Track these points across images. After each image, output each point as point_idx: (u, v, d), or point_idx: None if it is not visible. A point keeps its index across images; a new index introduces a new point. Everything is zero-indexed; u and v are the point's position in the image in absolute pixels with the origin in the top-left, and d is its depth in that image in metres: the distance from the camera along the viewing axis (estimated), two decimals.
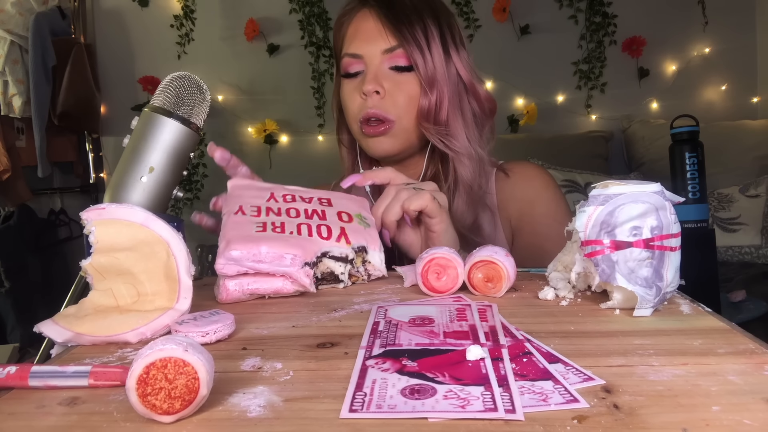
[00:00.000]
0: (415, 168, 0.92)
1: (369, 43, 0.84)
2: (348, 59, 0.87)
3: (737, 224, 2.05)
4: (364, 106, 0.84)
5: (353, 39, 0.86)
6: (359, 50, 0.85)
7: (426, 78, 0.83)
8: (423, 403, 0.32)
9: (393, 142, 0.86)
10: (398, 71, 0.84)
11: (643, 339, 0.42)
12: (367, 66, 0.85)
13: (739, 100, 2.55)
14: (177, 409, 0.31)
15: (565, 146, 2.44)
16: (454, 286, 0.58)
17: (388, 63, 0.84)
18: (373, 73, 0.84)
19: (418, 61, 0.83)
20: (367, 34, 0.85)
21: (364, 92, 0.83)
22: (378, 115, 0.83)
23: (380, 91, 0.83)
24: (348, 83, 0.88)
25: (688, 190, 1.21)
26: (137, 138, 0.60)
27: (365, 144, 0.88)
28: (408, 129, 0.86)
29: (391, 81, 0.84)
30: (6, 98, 2.38)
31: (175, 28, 2.72)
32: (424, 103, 0.83)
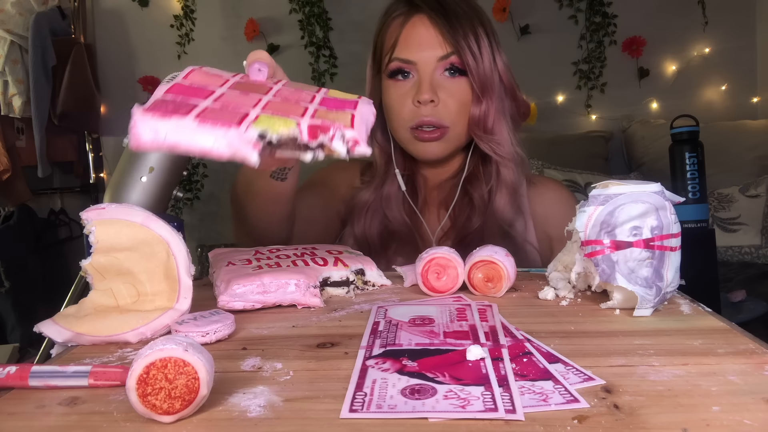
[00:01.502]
0: (455, 166, 0.93)
1: (424, 50, 0.84)
2: (399, 63, 0.86)
3: (737, 224, 2.05)
4: (417, 114, 0.84)
5: (406, 45, 0.86)
6: (413, 57, 0.85)
7: (479, 84, 0.84)
8: (423, 403, 0.32)
9: (444, 147, 0.87)
10: (452, 75, 0.85)
11: (643, 339, 0.42)
12: (421, 73, 0.85)
13: (739, 100, 2.54)
14: (177, 409, 0.31)
15: (565, 146, 2.44)
16: (454, 286, 0.58)
17: (442, 67, 0.85)
18: (428, 82, 0.84)
19: (472, 68, 0.83)
20: (421, 40, 0.85)
21: (420, 101, 0.83)
22: (433, 122, 0.84)
23: (435, 100, 0.83)
24: (396, 87, 0.87)
25: (688, 190, 1.21)
26: None
27: (414, 148, 0.88)
28: (460, 134, 0.87)
29: (444, 89, 0.85)
30: (6, 98, 2.38)
31: (175, 28, 2.72)
32: (476, 112, 0.85)
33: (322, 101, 0.48)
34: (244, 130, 0.40)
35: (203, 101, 0.43)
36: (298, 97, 0.48)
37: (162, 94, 0.43)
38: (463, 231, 0.87)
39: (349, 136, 0.42)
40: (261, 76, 0.50)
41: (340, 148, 0.42)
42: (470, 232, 0.86)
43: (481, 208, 0.87)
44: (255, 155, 0.40)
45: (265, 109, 0.44)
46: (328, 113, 0.45)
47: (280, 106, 0.45)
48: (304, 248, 0.67)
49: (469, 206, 0.89)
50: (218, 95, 0.45)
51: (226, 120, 0.40)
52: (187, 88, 0.45)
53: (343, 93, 0.51)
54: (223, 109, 0.42)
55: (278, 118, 0.42)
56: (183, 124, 0.39)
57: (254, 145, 0.40)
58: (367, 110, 0.48)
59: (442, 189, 0.93)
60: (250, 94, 0.46)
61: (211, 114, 0.41)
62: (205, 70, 0.49)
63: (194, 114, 0.40)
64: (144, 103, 0.41)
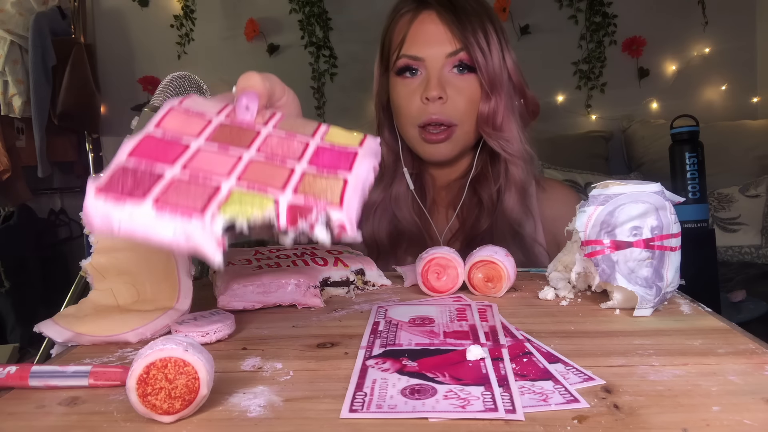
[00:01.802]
0: (463, 166, 0.92)
1: (432, 47, 0.84)
2: (407, 60, 0.85)
3: (737, 224, 2.05)
4: (425, 111, 0.83)
5: (414, 41, 0.85)
6: (421, 53, 0.84)
7: (488, 81, 0.83)
8: (423, 403, 0.32)
9: (452, 148, 0.85)
10: (460, 72, 0.84)
11: (643, 339, 0.42)
12: (429, 69, 0.84)
13: (739, 100, 2.55)
14: (177, 409, 0.31)
15: (565, 146, 2.44)
16: (454, 286, 0.58)
17: (451, 64, 0.84)
18: (436, 78, 0.83)
19: (481, 64, 0.82)
20: (429, 37, 0.84)
21: (428, 97, 0.82)
22: (441, 120, 0.82)
23: (443, 96, 0.82)
24: (404, 84, 0.86)
25: (688, 190, 1.21)
26: None
27: (422, 149, 0.87)
28: (467, 133, 0.85)
29: (452, 86, 0.83)
30: (6, 98, 2.38)
31: (175, 28, 2.72)
32: (485, 109, 0.83)
33: (315, 154, 0.39)
34: (209, 221, 0.33)
35: (169, 169, 0.35)
36: (288, 149, 0.39)
37: (125, 157, 0.36)
38: (471, 232, 0.87)
39: (335, 220, 0.34)
40: (248, 116, 0.42)
41: (322, 236, 0.34)
42: (479, 233, 0.85)
43: (489, 208, 0.86)
44: (219, 255, 0.32)
45: (242, 179, 0.36)
46: (315, 181, 0.37)
47: (262, 169, 0.37)
48: (304, 248, 0.67)
49: (477, 207, 0.88)
50: (191, 155, 0.37)
51: (190, 204, 0.33)
52: (156, 143, 0.37)
53: (344, 133, 0.43)
54: (190, 182, 0.35)
55: (253, 195, 0.35)
56: (139, 212, 0.33)
57: (219, 243, 0.32)
58: (367, 168, 0.39)
59: (450, 189, 0.92)
60: (229, 149, 0.38)
61: (173, 194, 0.34)
62: (187, 107, 0.42)
63: (153, 197, 0.33)
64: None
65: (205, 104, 0.43)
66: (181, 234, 0.32)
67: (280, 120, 0.43)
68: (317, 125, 0.43)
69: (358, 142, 0.42)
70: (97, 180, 0.34)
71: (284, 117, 0.43)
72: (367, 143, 0.42)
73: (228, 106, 0.43)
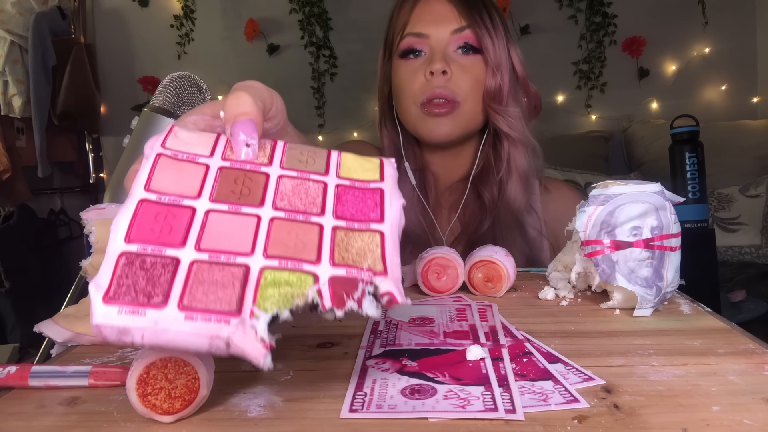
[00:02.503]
0: (465, 158, 0.91)
1: (437, 24, 0.83)
2: (411, 38, 0.84)
3: (737, 224, 2.05)
4: (428, 87, 0.82)
5: (419, 19, 0.84)
6: (426, 30, 0.83)
7: (494, 60, 0.82)
8: (423, 403, 0.32)
9: (454, 126, 0.83)
10: (465, 53, 0.83)
11: (643, 339, 0.42)
12: (433, 47, 0.83)
13: (739, 100, 2.55)
14: (177, 409, 0.31)
15: (565, 146, 2.44)
16: (454, 286, 0.58)
17: (456, 44, 0.83)
18: (440, 54, 0.82)
19: (487, 44, 0.82)
20: (435, 15, 0.83)
21: (432, 71, 0.81)
22: (444, 95, 0.81)
23: (447, 71, 0.81)
24: (407, 64, 0.85)
25: (688, 190, 1.21)
26: (137, 138, 0.60)
27: (424, 127, 0.84)
28: (470, 114, 0.84)
29: (457, 64, 0.82)
30: (6, 98, 2.39)
31: (175, 28, 2.72)
32: (491, 84, 0.82)
33: (338, 200, 0.34)
34: (249, 322, 0.27)
35: (182, 251, 0.29)
36: (306, 196, 0.34)
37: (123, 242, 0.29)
38: (474, 235, 0.86)
39: (383, 291, 0.30)
40: (250, 154, 0.35)
41: (372, 311, 0.29)
42: (482, 234, 0.85)
43: (491, 208, 0.86)
44: (268, 358, 0.27)
45: (270, 253, 0.30)
46: (350, 241, 0.32)
47: (287, 233, 0.31)
48: None
49: (479, 209, 0.87)
50: (200, 225, 0.31)
51: (221, 299, 0.28)
52: (155, 212, 0.31)
53: (359, 161, 0.38)
54: (212, 267, 0.29)
55: (288, 273, 0.29)
56: (164, 319, 0.27)
57: (265, 345, 0.27)
58: (398, 210, 0.34)
59: (452, 192, 0.92)
60: (242, 209, 0.32)
61: (198, 289, 0.28)
62: (175, 151, 0.34)
63: (176, 297, 0.28)
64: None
65: (194, 141, 0.35)
66: (220, 342, 0.27)
67: (284, 153, 0.37)
68: (326, 154, 0.38)
69: (378, 174, 0.37)
70: (99, 281, 0.27)
71: (287, 147, 0.37)
72: (386, 172, 0.37)
73: (220, 140, 0.36)
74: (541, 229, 0.89)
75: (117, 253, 0.29)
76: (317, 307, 0.29)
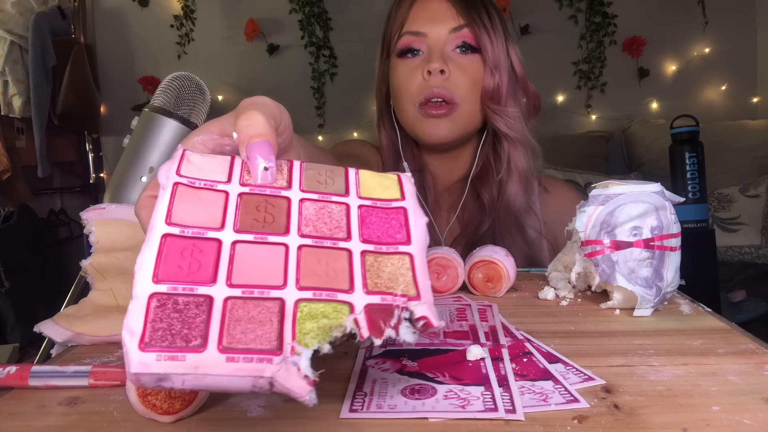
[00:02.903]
0: (465, 159, 0.90)
1: (435, 22, 0.82)
2: (409, 37, 0.83)
3: (737, 224, 2.05)
4: (426, 86, 0.81)
5: (417, 18, 0.83)
6: (423, 28, 0.82)
7: (492, 60, 0.82)
8: (423, 403, 0.32)
9: (452, 128, 0.83)
10: (463, 52, 0.82)
11: (643, 339, 0.42)
12: (431, 46, 0.82)
13: (739, 100, 2.55)
14: (177, 408, 0.31)
15: (565, 146, 2.44)
16: (454, 286, 0.58)
17: (454, 43, 0.82)
18: (438, 53, 0.81)
19: (485, 43, 0.81)
20: (433, 13, 0.83)
21: (430, 70, 0.80)
22: (442, 95, 0.80)
23: (445, 70, 0.80)
24: (405, 63, 0.84)
25: (688, 190, 1.21)
26: (137, 138, 0.60)
27: (421, 128, 0.84)
28: (468, 115, 0.83)
29: (455, 63, 0.81)
30: (6, 98, 2.38)
31: (175, 28, 2.72)
32: (490, 83, 0.82)
33: (362, 222, 0.34)
34: (291, 360, 0.26)
35: (214, 289, 0.28)
36: (330, 220, 0.33)
37: (151, 281, 0.28)
38: (473, 235, 0.86)
39: (418, 315, 0.30)
40: (269, 178, 0.34)
41: (409, 338, 0.29)
42: (481, 235, 0.84)
43: (490, 209, 0.85)
44: (313, 394, 0.26)
45: (303, 284, 0.29)
46: (380, 266, 0.31)
47: (317, 262, 0.31)
48: None
49: (478, 210, 0.87)
50: (228, 259, 0.30)
51: (261, 337, 0.27)
52: (180, 247, 0.30)
53: (378, 179, 0.37)
54: (247, 304, 0.28)
55: (324, 305, 0.29)
56: (205, 363, 0.26)
57: (309, 381, 0.26)
58: (423, 229, 0.34)
59: (452, 192, 0.91)
60: (268, 239, 0.31)
61: (236, 328, 0.27)
62: (191, 178, 0.33)
63: (215, 339, 0.26)
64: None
65: (208, 166, 0.34)
66: (264, 383, 0.26)
67: (302, 174, 0.36)
68: (344, 173, 0.37)
69: (398, 191, 0.36)
70: (131, 326, 0.26)
71: (304, 168, 0.36)
72: (406, 190, 0.36)
73: (236, 163, 0.35)
74: (541, 230, 0.89)
75: (147, 295, 0.27)
76: (355, 336, 0.28)
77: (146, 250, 0.29)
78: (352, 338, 0.28)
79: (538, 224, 0.89)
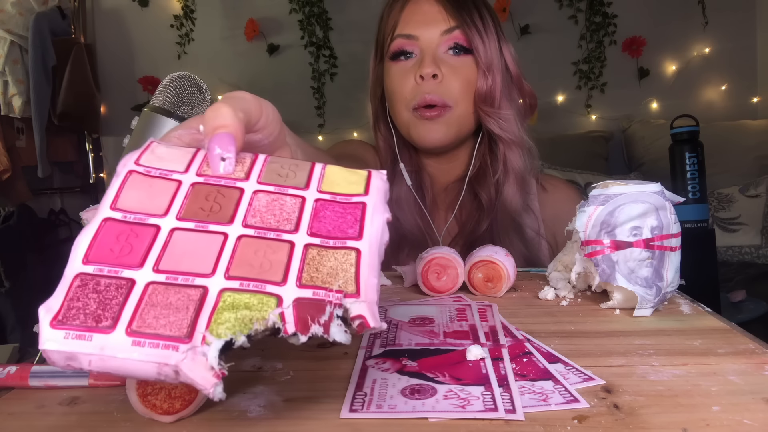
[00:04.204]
0: (461, 162, 0.90)
1: (427, 25, 0.82)
2: (401, 40, 0.83)
3: (737, 224, 2.05)
4: (419, 91, 0.81)
5: (409, 21, 0.84)
6: (415, 31, 0.82)
7: (485, 61, 0.81)
8: (423, 403, 0.32)
9: (446, 131, 0.83)
10: (455, 54, 0.82)
11: (643, 339, 0.42)
12: (423, 49, 0.82)
13: (739, 100, 2.55)
14: (177, 408, 0.31)
15: (565, 146, 2.44)
16: (454, 286, 0.58)
17: (446, 45, 0.82)
18: (430, 56, 0.81)
19: (477, 44, 0.81)
20: (425, 16, 0.83)
21: (422, 75, 0.80)
22: (435, 101, 0.80)
23: (438, 74, 0.80)
24: (398, 66, 0.84)
25: (688, 190, 1.21)
26: (137, 138, 0.60)
27: (416, 131, 0.84)
28: (462, 117, 0.83)
29: (447, 65, 0.81)
30: (6, 98, 2.39)
31: (175, 28, 2.72)
32: (483, 86, 0.82)
33: (315, 215, 0.32)
34: (200, 349, 0.26)
35: (139, 272, 0.28)
36: (281, 211, 0.32)
37: (80, 263, 0.28)
38: (471, 235, 0.86)
39: (354, 314, 0.28)
40: (228, 167, 0.33)
41: (340, 337, 0.28)
42: (479, 235, 0.84)
43: (489, 209, 0.85)
44: (219, 388, 0.25)
45: (232, 273, 0.28)
46: (322, 260, 0.30)
47: (254, 251, 0.30)
48: None
49: (476, 209, 0.87)
50: (162, 245, 0.29)
51: (172, 324, 0.26)
52: (117, 231, 0.29)
53: (344, 173, 0.35)
54: (168, 289, 0.27)
55: (249, 296, 0.28)
56: (110, 344, 0.25)
57: (216, 374, 0.25)
58: (380, 225, 0.32)
59: (449, 192, 0.91)
60: (209, 227, 0.30)
61: (149, 313, 0.26)
62: (148, 167, 0.33)
63: (125, 322, 0.26)
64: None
65: (171, 156, 0.34)
66: (168, 370, 0.25)
67: (264, 166, 0.35)
68: (310, 167, 0.35)
69: (363, 186, 0.34)
70: (50, 304, 0.26)
71: (268, 161, 0.35)
72: (373, 184, 0.34)
73: (198, 155, 0.34)
74: (539, 229, 0.89)
75: (72, 275, 0.28)
76: (279, 331, 0.27)
77: (84, 233, 0.29)
78: (276, 334, 0.27)
79: (536, 224, 0.89)
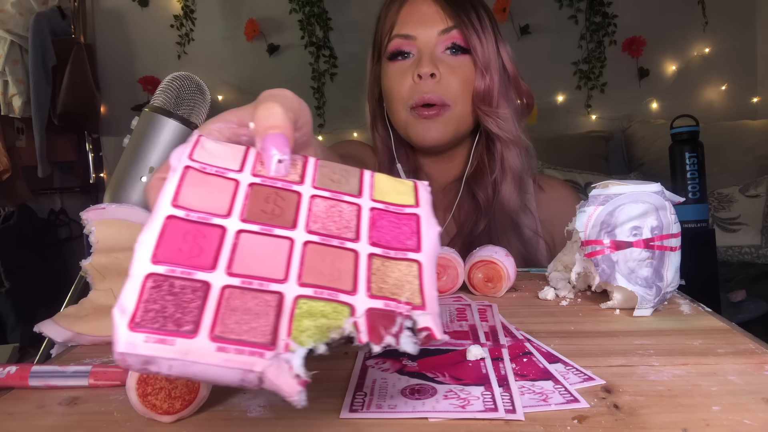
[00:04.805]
0: (459, 161, 0.90)
1: (425, 25, 0.82)
2: (399, 40, 0.83)
3: (737, 224, 2.05)
4: (417, 91, 0.81)
5: (406, 21, 0.84)
6: (413, 31, 0.82)
7: (483, 61, 0.82)
8: (423, 403, 0.32)
9: (444, 130, 0.83)
10: (453, 54, 0.82)
11: (643, 339, 0.42)
12: (421, 49, 0.82)
13: (739, 100, 2.55)
14: (177, 408, 0.31)
15: (565, 146, 2.44)
16: (454, 286, 0.58)
17: (444, 45, 0.82)
18: (428, 56, 0.81)
19: (475, 44, 0.81)
20: (422, 16, 0.83)
21: (420, 74, 0.80)
22: (433, 100, 0.80)
23: (436, 74, 0.80)
24: (396, 66, 0.84)
25: (688, 190, 1.21)
26: (137, 138, 0.60)
27: (414, 131, 0.84)
28: (460, 116, 0.83)
29: (445, 65, 0.81)
30: (6, 98, 2.39)
31: (175, 28, 2.72)
32: (480, 85, 0.82)
33: (373, 224, 0.32)
34: (284, 357, 0.25)
35: (212, 275, 0.27)
36: (340, 219, 0.32)
37: (150, 262, 0.27)
38: (470, 235, 0.86)
39: (421, 326, 0.28)
40: (282, 170, 0.33)
41: (410, 347, 0.28)
42: (477, 235, 0.84)
43: (486, 209, 0.85)
44: (303, 395, 0.25)
45: (305, 280, 0.28)
46: (387, 270, 0.30)
47: (322, 259, 0.30)
48: None
49: (474, 209, 0.87)
50: (231, 247, 0.29)
51: (255, 330, 0.26)
52: (183, 230, 0.29)
53: (393, 183, 0.36)
54: (245, 294, 0.27)
55: (324, 304, 0.28)
56: (194, 350, 0.25)
57: (300, 381, 0.25)
58: (435, 239, 0.33)
59: (447, 192, 0.91)
60: (274, 231, 0.30)
61: (230, 318, 0.26)
62: (203, 163, 0.32)
63: (207, 326, 0.25)
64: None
65: (222, 153, 0.33)
66: (253, 377, 0.25)
67: (316, 170, 0.35)
68: (359, 174, 0.36)
69: (413, 197, 0.35)
70: (124, 305, 0.25)
71: (319, 165, 0.35)
72: (421, 197, 0.35)
73: (250, 153, 0.34)
74: (537, 229, 0.89)
75: (143, 275, 0.26)
76: (353, 340, 0.27)
77: (148, 230, 0.28)
78: (349, 342, 0.27)
79: (533, 224, 0.89)
